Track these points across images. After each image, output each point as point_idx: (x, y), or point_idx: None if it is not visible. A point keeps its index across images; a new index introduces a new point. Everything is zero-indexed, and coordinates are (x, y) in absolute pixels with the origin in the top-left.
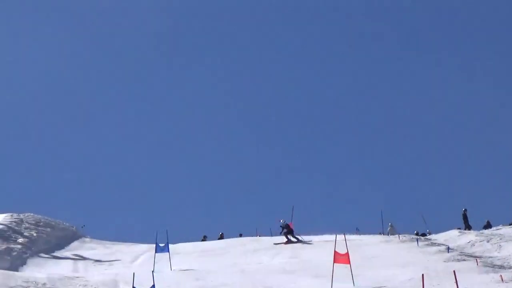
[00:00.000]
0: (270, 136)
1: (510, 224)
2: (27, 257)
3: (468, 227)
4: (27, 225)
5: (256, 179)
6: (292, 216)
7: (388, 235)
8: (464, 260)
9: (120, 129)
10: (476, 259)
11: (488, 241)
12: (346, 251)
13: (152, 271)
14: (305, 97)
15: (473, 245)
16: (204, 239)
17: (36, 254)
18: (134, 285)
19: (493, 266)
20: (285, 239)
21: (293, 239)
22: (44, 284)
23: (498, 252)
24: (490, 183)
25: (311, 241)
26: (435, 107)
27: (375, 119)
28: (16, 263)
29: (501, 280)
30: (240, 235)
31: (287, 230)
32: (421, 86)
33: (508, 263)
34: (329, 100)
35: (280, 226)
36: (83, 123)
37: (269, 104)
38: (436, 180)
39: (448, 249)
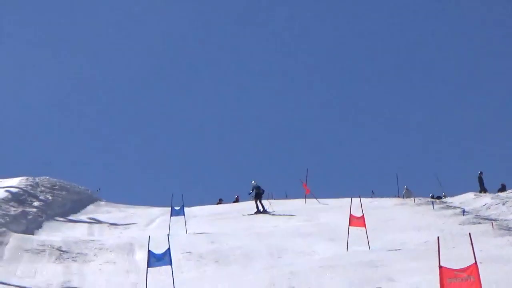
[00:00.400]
0: (287, 99)
1: None
2: (43, 221)
3: (483, 190)
4: (42, 188)
5: (271, 142)
6: (306, 178)
7: (403, 198)
8: (479, 223)
9: (134, 89)
10: (492, 222)
11: (503, 204)
12: (362, 214)
13: (168, 234)
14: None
15: (488, 208)
16: (220, 202)
17: (51, 217)
18: (150, 248)
19: (508, 229)
20: (255, 208)
21: (259, 207)
22: (60, 247)
23: None
24: (506, 146)
25: (273, 211)
26: (450, 70)
27: (389, 78)
28: (32, 227)
29: None
30: None
31: (256, 193)
32: (440, 40)
33: None
34: (344, 62)
35: (252, 188)
36: (97, 85)
37: (287, 66)
38: (452, 143)
39: (464, 212)
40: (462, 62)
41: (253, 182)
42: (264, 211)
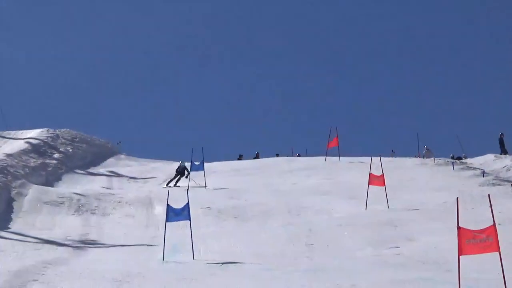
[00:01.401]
0: (307, 56)
1: None
2: (62, 173)
3: (504, 151)
4: (63, 140)
5: (294, 99)
6: (329, 134)
7: (423, 158)
8: (499, 184)
9: (159, 45)
10: (511, 184)
11: None
12: (382, 173)
13: (187, 189)
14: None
15: (508, 169)
16: (240, 158)
17: (71, 170)
18: (169, 203)
19: None
20: (174, 181)
21: (174, 182)
22: (79, 200)
23: None
24: None
25: (202, 185)
26: (472, 34)
27: (412, 41)
28: (51, 179)
29: None
30: (277, 155)
31: (180, 172)
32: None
33: None
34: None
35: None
36: (117, 38)
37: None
38: (473, 104)
39: (484, 173)
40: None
41: (179, 162)
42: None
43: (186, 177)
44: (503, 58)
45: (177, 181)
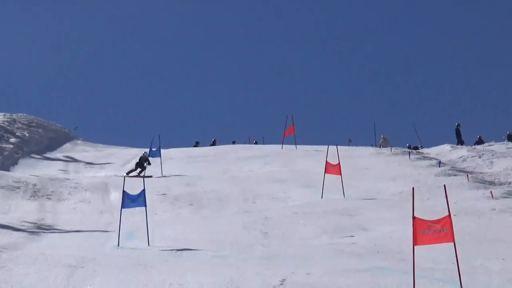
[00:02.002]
0: (265, 43)
1: (508, 139)
2: (19, 157)
3: (460, 142)
4: (19, 125)
5: (251, 87)
6: (286, 122)
7: (380, 147)
8: (455, 175)
9: (116, 30)
10: (467, 175)
11: (479, 157)
12: (338, 162)
13: (143, 175)
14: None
15: (464, 160)
16: (197, 145)
17: (27, 154)
18: (125, 189)
19: (483, 182)
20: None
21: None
22: (35, 184)
23: (489, 168)
24: (484, 98)
25: (151, 176)
26: (433, 21)
27: (372, 28)
28: (8, 163)
29: (491, 196)
30: (233, 143)
31: (141, 166)
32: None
33: (499, 179)
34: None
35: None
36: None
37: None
38: (431, 94)
39: (440, 163)
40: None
41: (144, 153)
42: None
43: (144, 169)
44: (460, 49)
45: (139, 173)
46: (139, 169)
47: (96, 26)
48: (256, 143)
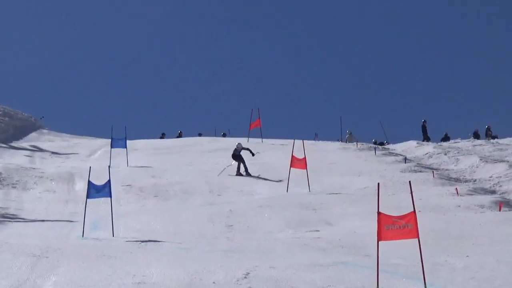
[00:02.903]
0: (235, 36)
1: (474, 137)
2: None
3: (426, 138)
4: None
5: (217, 80)
6: (251, 115)
7: (346, 142)
8: (420, 171)
9: (82, 16)
10: (433, 171)
11: (445, 154)
12: (304, 156)
13: (109, 166)
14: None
15: (430, 157)
16: (163, 136)
17: None
18: (90, 179)
19: (449, 179)
20: (235, 170)
21: (242, 172)
22: (0, 173)
23: (455, 165)
24: (451, 95)
25: (260, 175)
26: (401, 19)
27: (341, 26)
28: None
29: (456, 193)
30: (199, 135)
31: (240, 159)
32: None
33: (464, 176)
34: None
35: (236, 151)
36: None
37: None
38: (397, 90)
39: (405, 159)
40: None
41: (237, 144)
42: (247, 174)
43: (253, 155)
44: (427, 46)
45: (245, 169)
46: (241, 164)
47: (62, 12)
48: (224, 134)
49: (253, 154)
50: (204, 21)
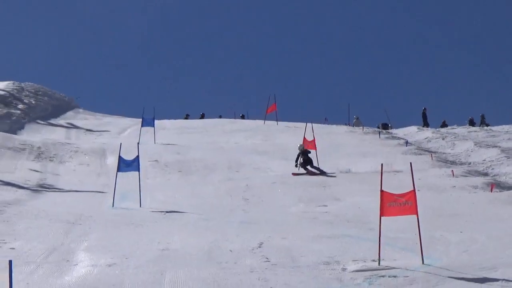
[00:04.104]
0: (256, 24)
1: (470, 124)
2: (25, 122)
3: (426, 124)
4: (27, 93)
5: (237, 67)
6: (269, 100)
7: (353, 126)
8: (420, 154)
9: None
10: (431, 154)
11: (443, 139)
12: (313, 138)
13: (138, 143)
14: None
15: (429, 141)
16: (187, 117)
17: (33, 120)
18: (120, 154)
19: (446, 161)
20: (303, 170)
21: (313, 170)
22: (39, 147)
23: (451, 149)
24: (450, 85)
25: (334, 173)
26: (406, 8)
27: (348, 14)
28: (15, 127)
29: (452, 174)
30: (220, 117)
31: (305, 159)
32: None
33: (460, 159)
34: None
35: (299, 152)
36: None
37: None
38: (401, 79)
39: (407, 143)
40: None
41: (299, 145)
42: (322, 172)
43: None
44: (429, 38)
45: (311, 167)
46: (308, 167)
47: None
48: (243, 116)
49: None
50: (231, 10)
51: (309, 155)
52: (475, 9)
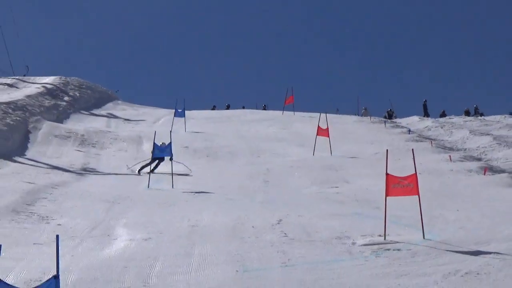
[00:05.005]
0: (271, 23)
1: (465, 114)
2: (70, 113)
3: (426, 114)
4: (72, 86)
5: (259, 62)
6: (287, 93)
7: (362, 116)
8: (421, 141)
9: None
10: (431, 141)
11: (442, 127)
12: (327, 126)
13: (170, 131)
14: None
15: (429, 129)
16: (214, 108)
17: (77, 110)
18: (155, 141)
19: (444, 147)
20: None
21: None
22: (83, 135)
23: (449, 137)
24: (448, 80)
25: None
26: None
27: (357, 9)
28: (61, 117)
29: (449, 159)
30: (243, 107)
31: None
32: None
33: (456, 146)
34: None
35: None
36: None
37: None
38: (404, 75)
39: (409, 131)
40: None
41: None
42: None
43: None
44: (430, 33)
45: (155, 167)
46: (156, 162)
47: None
48: (265, 107)
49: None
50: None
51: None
52: (469, 7)
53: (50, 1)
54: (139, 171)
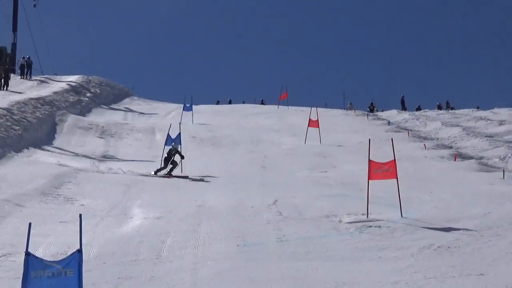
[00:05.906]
0: (267, 18)
1: (438, 108)
2: (92, 107)
3: (404, 108)
4: (93, 84)
5: (257, 61)
6: (281, 90)
7: (347, 110)
8: (399, 131)
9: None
10: (408, 132)
11: (417, 119)
12: (317, 119)
13: (179, 123)
14: None
15: (406, 121)
16: (218, 103)
17: (98, 105)
18: (169, 133)
19: (419, 137)
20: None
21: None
22: (103, 127)
23: (424, 128)
24: (422, 78)
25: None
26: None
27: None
28: (84, 111)
29: (424, 147)
30: (243, 102)
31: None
32: None
33: (430, 136)
34: None
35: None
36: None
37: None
38: (384, 73)
39: (389, 123)
40: None
41: (173, 144)
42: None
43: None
44: (409, 32)
45: (169, 172)
46: (170, 166)
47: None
48: (262, 101)
49: (182, 157)
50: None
51: (175, 159)
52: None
53: (74, 12)
54: (155, 172)
